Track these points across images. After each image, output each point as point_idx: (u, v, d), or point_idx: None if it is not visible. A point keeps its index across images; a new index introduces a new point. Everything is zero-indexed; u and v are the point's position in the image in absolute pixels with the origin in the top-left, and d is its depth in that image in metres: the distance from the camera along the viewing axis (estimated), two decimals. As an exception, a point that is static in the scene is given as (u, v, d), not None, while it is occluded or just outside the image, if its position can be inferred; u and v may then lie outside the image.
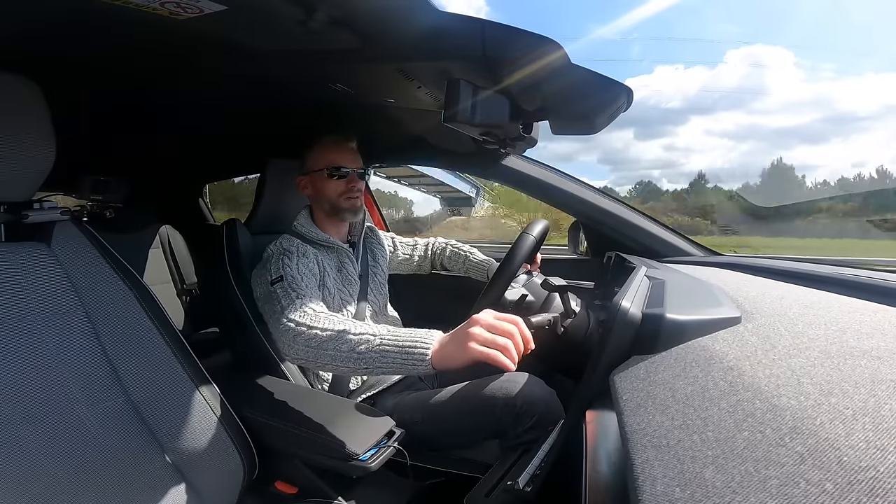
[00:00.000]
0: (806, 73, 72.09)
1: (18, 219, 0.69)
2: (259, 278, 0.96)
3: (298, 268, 0.92)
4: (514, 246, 0.89)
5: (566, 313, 0.81)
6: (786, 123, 54.36)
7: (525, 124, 0.86)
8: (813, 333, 0.38)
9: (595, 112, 0.80)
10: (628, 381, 0.41)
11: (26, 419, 0.61)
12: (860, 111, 58.36)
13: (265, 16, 0.60)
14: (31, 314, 0.65)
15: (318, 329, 0.75)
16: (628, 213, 1.25)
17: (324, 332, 0.74)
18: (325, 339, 0.73)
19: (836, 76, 75.56)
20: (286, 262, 0.92)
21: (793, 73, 72.68)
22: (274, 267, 0.92)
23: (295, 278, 0.88)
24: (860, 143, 42.62)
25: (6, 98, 0.62)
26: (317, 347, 0.73)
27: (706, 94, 66.76)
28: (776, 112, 58.91)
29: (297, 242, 0.99)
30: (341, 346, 0.71)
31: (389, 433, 0.81)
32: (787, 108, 58.46)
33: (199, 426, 0.72)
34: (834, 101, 60.60)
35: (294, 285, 0.86)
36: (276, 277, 0.89)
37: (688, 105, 56.38)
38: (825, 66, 74.67)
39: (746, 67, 72.07)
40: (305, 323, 0.77)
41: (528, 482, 0.58)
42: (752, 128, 58.43)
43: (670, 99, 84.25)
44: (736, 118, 73.03)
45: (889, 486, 0.20)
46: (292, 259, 0.93)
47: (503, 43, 0.62)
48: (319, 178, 1.04)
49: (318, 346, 0.73)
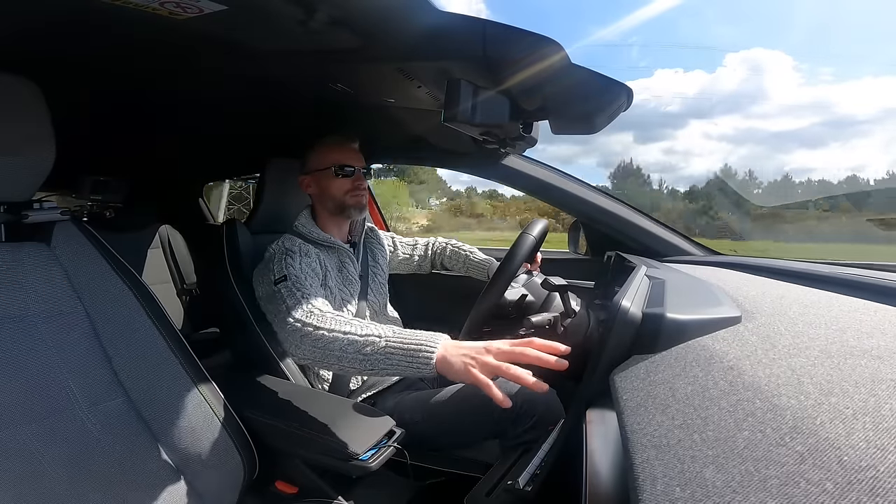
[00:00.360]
0: (804, 77, 72.34)
1: (18, 219, 0.69)
2: (261, 278, 0.96)
3: (302, 267, 0.92)
4: (514, 246, 0.89)
5: (566, 313, 0.81)
6: (785, 127, 54.36)
7: (525, 124, 0.86)
8: (813, 333, 0.38)
9: (595, 112, 0.80)
10: (628, 380, 0.41)
11: (26, 419, 0.61)
12: (859, 115, 58.54)
13: (265, 16, 0.60)
14: (31, 314, 0.65)
15: (324, 329, 0.75)
16: (628, 212, 1.25)
17: (330, 332, 0.75)
18: (331, 339, 0.74)
19: (835, 80, 75.82)
20: (289, 262, 0.92)
21: (791, 77, 73.08)
22: (277, 267, 0.92)
23: (299, 278, 0.89)
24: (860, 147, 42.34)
25: (6, 98, 0.62)
26: (323, 348, 0.74)
27: (705, 98, 67.03)
28: (775, 116, 59.25)
29: (298, 242, 0.99)
30: (347, 348, 0.72)
31: (389, 433, 0.81)
32: (786, 111, 58.91)
33: (199, 426, 0.72)
34: (833, 104, 61.01)
35: (298, 285, 0.87)
36: (279, 277, 0.89)
37: (687, 109, 56.71)
38: (824, 70, 74.95)
39: (745, 71, 72.53)
40: (312, 323, 0.77)
41: (529, 482, 0.58)
42: (750, 132, 58.73)
43: (669, 102, 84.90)
44: (735, 122, 73.74)
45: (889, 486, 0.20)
46: (295, 258, 0.93)
47: (503, 43, 0.62)
48: (325, 176, 1.05)
49: (325, 346, 0.74)
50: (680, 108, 31.98)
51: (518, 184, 1.34)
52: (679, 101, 33.92)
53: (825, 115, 53.19)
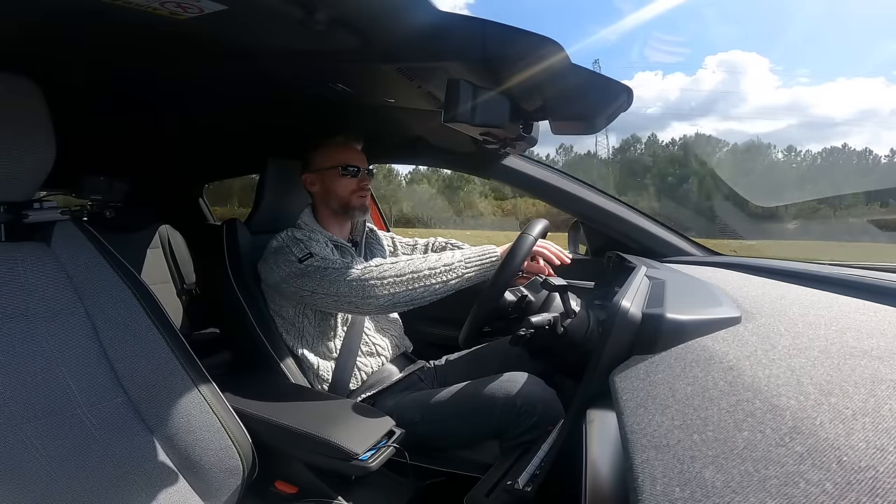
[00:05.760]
0: (781, 79, 71.62)
1: (19, 218, 0.69)
2: (277, 262, 0.96)
3: (322, 246, 0.96)
4: (514, 246, 0.89)
5: (566, 313, 0.80)
6: (762, 129, 53.99)
7: (525, 124, 0.86)
8: (813, 333, 0.38)
9: (595, 112, 0.80)
10: (628, 380, 0.41)
11: (26, 417, 0.61)
12: (837, 116, 58.17)
13: (265, 16, 0.60)
14: (31, 313, 0.65)
15: (390, 270, 0.85)
16: (628, 213, 1.25)
17: (404, 267, 0.86)
18: (409, 270, 0.85)
19: (811, 82, 75.37)
20: (307, 244, 0.95)
21: (768, 79, 72.48)
22: (297, 248, 0.94)
23: (324, 253, 0.93)
24: (839, 149, 41.51)
25: (6, 98, 0.62)
26: (407, 280, 0.85)
27: (685, 100, 66.68)
28: (753, 118, 59.10)
29: (307, 231, 1.01)
30: (428, 273, 0.85)
31: (389, 433, 0.81)
32: (764, 113, 58.73)
33: (199, 426, 0.72)
34: (809, 106, 60.70)
35: (327, 258, 0.92)
36: (304, 255, 0.93)
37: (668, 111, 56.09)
38: (800, 72, 74.72)
39: (722, 73, 72.33)
40: (375, 272, 0.85)
41: (528, 482, 0.58)
42: (729, 133, 58.54)
43: (650, 105, 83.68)
44: (714, 124, 73.50)
45: (889, 486, 0.20)
46: (310, 242, 0.96)
47: (503, 43, 0.62)
48: (330, 176, 1.05)
49: (407, 279, 0.85)
50: (661, 111, 31.73)
51: (518, 184, 1.34)
52: (661, 102, 33.79)
53: (802, 116, 52.91)
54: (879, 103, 51.61)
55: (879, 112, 45.21)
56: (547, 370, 1.03)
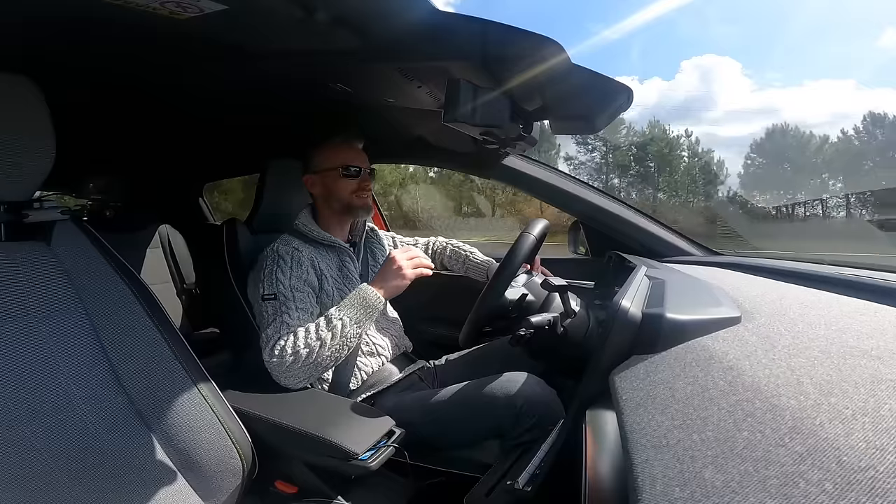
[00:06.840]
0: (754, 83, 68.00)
1: (19, 218, 0.69)
2: (254, 284, 0.99)
3: (292, 281, 0.94)
4: (514, 246, 0.89)
5: (566, 313, 0.80)
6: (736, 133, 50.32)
7: (525, 124, 0.86)
8: (813, 333, 0.38)
9: (595, 112, 0.80)
10: (628, 380, 0.41)
11: (27, 417, 0.61)
12: (810, 119, 53.61)
13: (265, 16, 0.60)
14: (31, 313, 0.65)
15: (315, 357, 0.88)
16: (628, 213, 1.25)
17: (305, 348, 0.88)
18: (326, 354, 0.89)
19: (783, 85, 72.01)
20: (279, 278, 0.94)
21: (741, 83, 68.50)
22: (268, 281, 0.94)
23: (287, 298, 0.93)
24: (815, 152, 38.35)
25: (6, 98, 0.62)
26: (312, 365, 0.89)
27: (661, 105, 62.90)
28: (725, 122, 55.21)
29: (294, 245, 0.98)
30: (324, 349, 0.88)
31: (389, 433, 0.81)
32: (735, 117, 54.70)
33: (199, 426, 0.72)
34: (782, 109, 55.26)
35: (286, 306, 0.92)
36: (269, 294, 0.93)
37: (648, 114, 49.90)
38: (771, 76, 71.83)
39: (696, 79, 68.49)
40: (303, 354, 0.87)
41: (528, 482, 0.58)
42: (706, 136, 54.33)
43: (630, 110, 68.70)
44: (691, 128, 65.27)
45: (888, 486, 0.20)
46: (286, 272, 0.95)
47: (504, 43, 0.62)
48: (332, 176, 1.05)
49: (313, 364, 0.88)
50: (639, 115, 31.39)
51: (518, 184, 1.34)
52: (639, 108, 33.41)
53: (776, 118, 49.97)
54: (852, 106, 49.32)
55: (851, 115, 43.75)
56: (547, 370, 1.03)
